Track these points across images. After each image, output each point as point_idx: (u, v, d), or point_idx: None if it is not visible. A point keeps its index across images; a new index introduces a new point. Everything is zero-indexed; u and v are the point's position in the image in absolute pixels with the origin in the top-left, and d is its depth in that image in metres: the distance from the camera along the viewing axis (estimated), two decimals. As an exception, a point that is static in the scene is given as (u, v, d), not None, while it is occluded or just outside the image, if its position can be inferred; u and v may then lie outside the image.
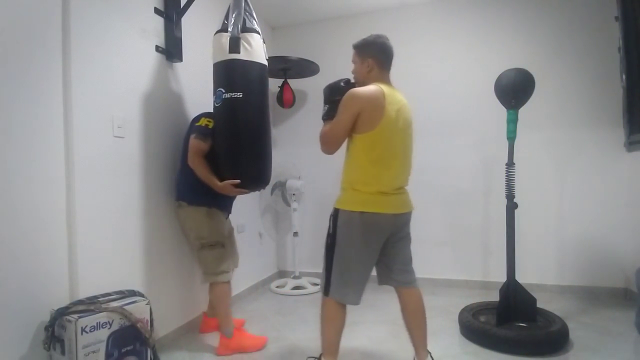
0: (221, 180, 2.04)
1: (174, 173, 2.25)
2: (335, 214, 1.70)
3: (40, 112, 1.59)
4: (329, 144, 1.71)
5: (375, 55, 1.76)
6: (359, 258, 1.67)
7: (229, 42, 1.95)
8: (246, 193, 2.18)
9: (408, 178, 1.79)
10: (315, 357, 1.80)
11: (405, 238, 1.83)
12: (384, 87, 1.67)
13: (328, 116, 1.74)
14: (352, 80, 1.84)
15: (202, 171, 2.04)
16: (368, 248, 1.68)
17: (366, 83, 1.74)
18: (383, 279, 1.83)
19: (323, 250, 1.73)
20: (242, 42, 1.96)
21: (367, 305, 2.81)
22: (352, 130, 1.67)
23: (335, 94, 1.74)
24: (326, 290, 1.71)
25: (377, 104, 1.61)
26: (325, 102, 1.78)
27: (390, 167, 1.67)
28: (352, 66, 1.86)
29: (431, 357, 1.77)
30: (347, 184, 1.71)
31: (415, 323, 1.78)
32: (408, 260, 1.83)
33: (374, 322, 2.52)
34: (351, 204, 1.66)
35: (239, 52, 1.95)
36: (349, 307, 1.76)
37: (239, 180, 2.02)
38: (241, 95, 1.97)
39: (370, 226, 1.64)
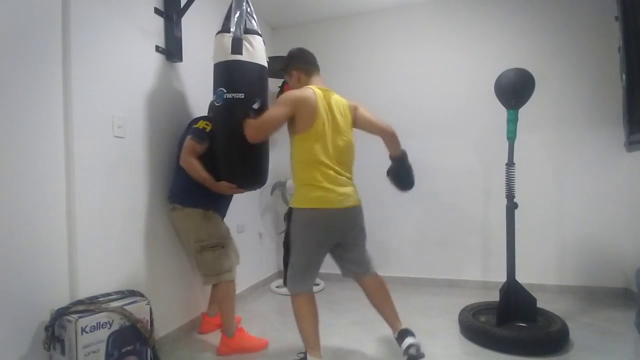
0: (218, 179, 2.05)
1: (173, 173, 2.25)
2: (289, 212, 1.83)
3: (41, 112, 1.59)
4: (263, 131, 1.85)
5: (296, 65, 1.96)
6: (310, 251, 1.81)
7: (232, 43, 1.95)
8: (243, 192, 2.20)
9: (351, 171, 1.92)
10: (303, 353, 1.85)
11: (357, 232, 1.92)
12: (314, 88, 1.83)
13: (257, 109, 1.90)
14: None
15: (195, 170, 2.04)
16: (318, 242, 1.81)
17: None
18: (344, 272, 1.98)
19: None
20: (245, 43, 1.96)
21: (368, 305, 2.80)
22: (291, 131, 1.83)
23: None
24: (284, 281, 1.87)
25: (310, 104, 1.77)
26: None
27: (330, 163, 1.79)
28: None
29: (407, 327, 1.86)
30: (296, 183, 1.84)
31: (380, 300, 1.94)
32: (361, 252, 1.95)
33: (374, 321, 2.51)
34: (300, 202, 1.80)
35: (242, 53, 1.96)
36: (350, 307, 1.78)
37: (235, 186, 2.06)
38: (243, 96, 1.97)
39: (318, 221, 1.78)
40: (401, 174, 2.01)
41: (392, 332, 1.91)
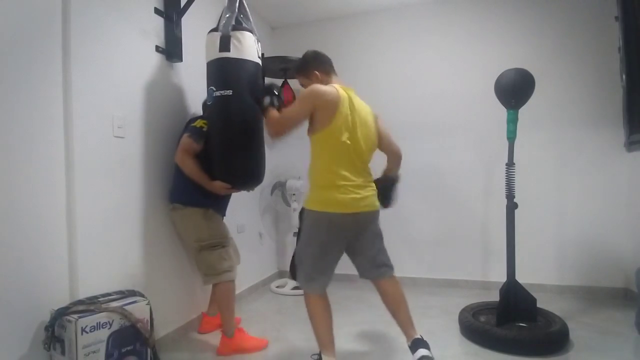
0: (213, 179, 2.05)
1: (173, 173, 2.24)
2: (302, 212, 1.83)
3: (41, 112, 1.59)
4: (281, 128, 1.79)
5: (316, 66, 1.90)
6: (322, 252, 1.78)
7: (219, 41, 1.95)
8: (236, 191, 2.20)
9: (370, 175, 1.87)
10: (317, 354, 1.82)
11: (373, 235, 1.89)
12: (339, 87, 1.78)
13: (271, 104, 1.89)
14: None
15: (190, 168, 2.04)
16: (330, 244, 1.78)
17: None
18: (361, 273, 1.93)
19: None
20: (233, 40, 1.95)
21: (368, 305, 2.81)
22: (310, 130, 1.79)
23: (274, 87, 1.97)
24: (298, 278, 1.86)
25: (331, 101, 1.71)
26: (265, 92, 1.94)
27: (348, 166, 1.74)
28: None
29: (421, 336, 1.82)
30: (311, 184, 1.82)
31: (396, 306, 1.87)
32: (379, 255, 1.90)
33: (374, 322, 2.52)
34: (314, 204, 1.77)
35: (229, 51, 1.95)
36: (351, 307, 1.78)
37: (229, 186, 2.06)
38: (231, 93, 1.96)
39: (331, 225, 1.75)
40: (388, 192, 1.98)
41: (406, 339, 1.84)
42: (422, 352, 1.74)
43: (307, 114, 1.74)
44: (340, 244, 1.82)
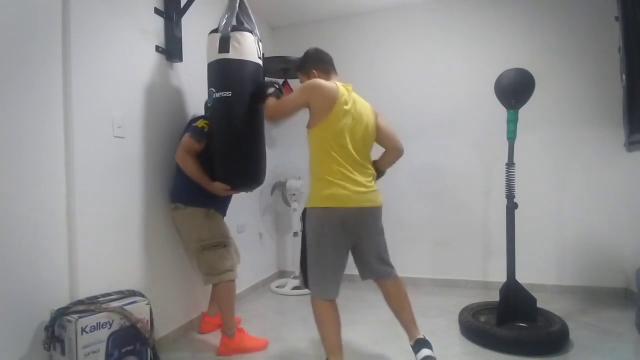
0: (214, 180, 2.06)
1: (173, 173, 2.25)
2: (304, 213, 1.77)
3: (41, 112, 1.59)
4: (278, 113, 1.85)
5: (315, 64, 1.90)
6: (329, 252, 1.72)
7: (219, 42, 1.95)
8: (236, 192, 2.21)
9: (371, 169, 1.85)
10: None
11: (378, 233, 1.88)
12: (339, 83, 1.78)
13: (274, 94, 1.93)
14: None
15: (191, 168, 2.04)
16: (339, 241, 1.73)
17: None
18: (364, 274, 1.89)
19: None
20: (232, 41, 1.95)
21: (368, 305, 2.81)
22: (309, 123, 1.78)
23: (276, 83, 2.02)
24: (305, 284, 1.78)
25: (329, 95, 1.71)
26: (270, 85, 1.98)
27: (346, 160, 1.72)
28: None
29: (424, 336, 1.81)
30: (312, 181, 1.78)
31: (400, 306, 1.86)
32: (383, 253, 1.89)
33: (374, 322, 2.52)
34: (314, 201, 1.73)
35: (228, 52, 1.95)
36: (350, 307, 1.77)
37: (229, 187, 2.06)
38: (230, 94, 1.96)
39: (337, 220, 1.69)
40: None
41: (409, 339, 1.84)
42: (425, 352, 1.72)
43: (303, 104, 1.77)
44: (347, 242, 1.76)
